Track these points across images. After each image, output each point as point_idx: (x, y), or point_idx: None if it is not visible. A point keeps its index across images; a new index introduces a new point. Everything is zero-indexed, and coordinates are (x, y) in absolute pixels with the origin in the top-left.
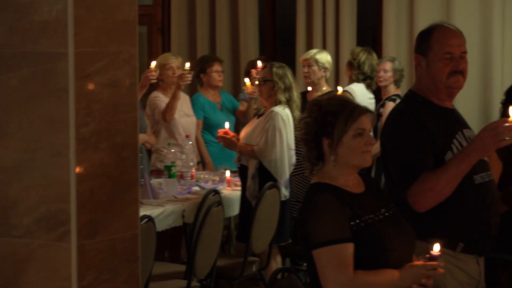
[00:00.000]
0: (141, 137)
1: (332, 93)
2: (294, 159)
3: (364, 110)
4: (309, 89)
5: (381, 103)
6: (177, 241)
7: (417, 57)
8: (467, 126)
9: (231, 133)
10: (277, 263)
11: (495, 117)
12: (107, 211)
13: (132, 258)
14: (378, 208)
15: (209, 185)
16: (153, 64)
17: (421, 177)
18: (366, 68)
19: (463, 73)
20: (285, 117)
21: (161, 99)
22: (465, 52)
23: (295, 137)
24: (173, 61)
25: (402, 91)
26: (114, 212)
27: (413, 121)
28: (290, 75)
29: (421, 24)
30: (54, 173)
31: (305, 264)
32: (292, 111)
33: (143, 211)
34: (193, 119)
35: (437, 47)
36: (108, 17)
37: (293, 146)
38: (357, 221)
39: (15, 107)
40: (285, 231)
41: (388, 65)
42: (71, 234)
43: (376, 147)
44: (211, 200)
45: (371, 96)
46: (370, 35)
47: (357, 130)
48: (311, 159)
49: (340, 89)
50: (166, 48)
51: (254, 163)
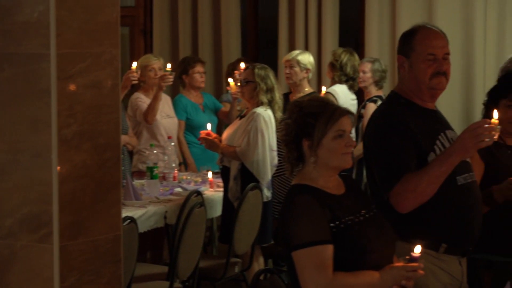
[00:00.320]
0: (123, 139)
1: (313, 94)
2: (276, 160)
3: (344, 111)
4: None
5: (363, 104)
6: (159, 242)
7: (400, 58)
8: (449, 127)
9: (213, 134)
10: (259, 264)
11: (477, 118)
12: (90, 212)
13: (114, 259)
14: (358, 209)
15: (192, 186)
16: (134, 65)
17: (403, 178)
18: (348, 69)
19: (446, 75)
20: (267, 118)
21: (142, 100)
22: (448, 53)
23: (277, 138)
24: (155, 62)
25: (385, 92)
26: (96, 213)
27: (395, 122)
28: (272, 76)
29: (404, 25)
30: (36, 174)
31: None
32: (274, 112)
33: (125, 212)
34: (175, 120)
35: (420, 48)
36: (90, 18)
37: (275, 147)
38: (337, 223)
39: None
40: (267, 232)
41: (367, 66)
42: (53, 235)
43: (358, 149)
44: (194, 201)
45: (354, 97)
46: (352, 36)
47: (337, 131)
48: (291, 160)
49: (324, 89)
50: (148, 49)
51: (236, 164)
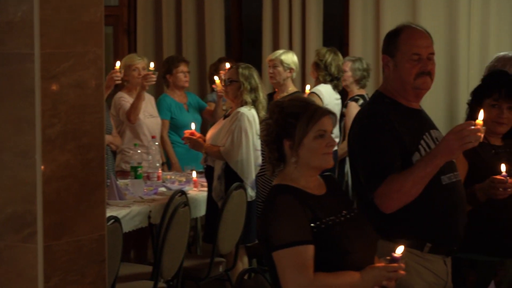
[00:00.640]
0: (106, 138)
1: (295, 94)
2: (260, 160)
3: (325, 111)
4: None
5: (345, 103)
6: (143, 242)
7: (385, 58)
8: (434, 126)
9: (197, 134)
10: (243, 263)
11: (461, 118)
12: (74, 212)
13: (99, 259)
14: (339, 210)
15: (176, 186)
16: (118, 65)
17: (388, 178)
18: (333, 69)
19: (430, 74)
20: (251, 117)
21: (126, 99)
22: (433, 53)
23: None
24: (139, 62)
25: (368, 91)
26: (80, 213)
27: (380, 122)
28: (256, 76)
29: (388, 24)
30: (20, 174)
31: None
32: (258, 112)
33: (109, 212)
34: (158, 120)
35: (404, 48)
36: (74, 18)
37: (259, 146)
38: (318, 223)
39: None
40: (251, 231)
41: (347, 65)
42: (37, 235)
43: (342, 148)
44: (178, 200)
45: (338, 96)
46: (336, 35)
47: (318, 131)
48: (272, 161)
49: (307, 89)
50: (132, 48)
51: (220, 164)
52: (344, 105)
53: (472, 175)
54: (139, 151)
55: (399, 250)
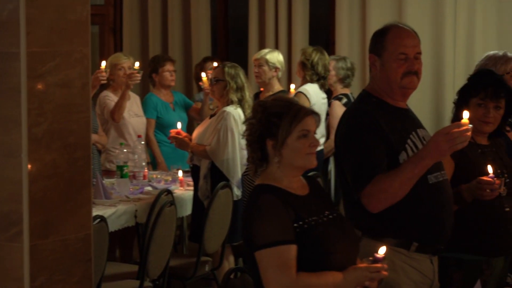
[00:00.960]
0: (92, 137)
1: (279, 94)
2: (246, 159)
3: (309, 111)
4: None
5: (328, 102)
6: (128, 241)
7: (372, 57)
8: (421, 126)
9: (183, 133)
10: (229, 263)
11: (447, 117)
12: (60, 212)
13: (85, 258)
14: (322, 210)
15: (162, 185)
16: (103, 64)
17: (375, 178)
18: (320, 68)
19: (417, 74)
20: (237, 117)
21: (110, 98)
22: (420, 52)
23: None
24: (125, 61)
25: (356, 91)
26: (66, 212)
27: (367, 121)
28: (242, 75)
29: (374, 23)
30: (6, 173)
31: None
32: (244, 111)
33: (95, 211)
34: (143, 119)
35: (391, 47)
36: (60, 16)
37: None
38: (301, 223)
39: None
40: (237, 231)
41: (331, 64)
42: (23, 234)
43: (326, 147)
44: (164, 200)
45: (324, 96)
46: (322, 34)
47: (301, 131)
48: (255, 161)
49: (292, 87)
50: (118, 48)
51: (206, 163)
52: (328, 104)
53: (458, 174)
54: (125, 150)
55: (382, 250)
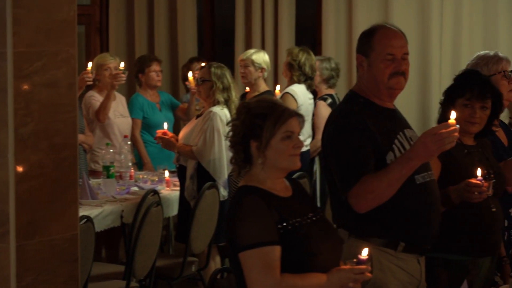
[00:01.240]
0: (79, 138)
1: (262, 95)
2: None
3: (292, 113)
4: (247, 89)
5: (314, 102)
6: (114, 241)
7: (359, 58)
8: (408, 126)
9: (170, 134)
10: (216, 263)
11: (433, 117)
12: (46, 212)
13: (71, 258)
14: (305, 212)
15: (148, 185)
16: (90, 65)
17: (362, 179)
18: (307, 69)
19: (404, 74)
20: (224, 117)
21: (96, 98)
22: (407, 53)
23: None
24: (111, 62)
25: (342, 91)
26: (53, 212)
27: (354, 121)
28: (228, 75)
29: (360, 24)
30: None
31: None
32: (230, 111)
33: (81, 212)
34: (129, 120)
35: (379, 48)
36: (47, 16)
37: None
38: (284, 224)
39: None
40: (224, 231)
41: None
42: (9, 234)
43: (313, 146)
44: (150, 200)
45: (311, 96)
46: (309, 34)
47: (285, 132)
48: (239, 162)
49: (278, 89)
50: (104, 47)
51: (192, 163)
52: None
53: (445, 175)
54: (111, 151)
55: (365, 252)
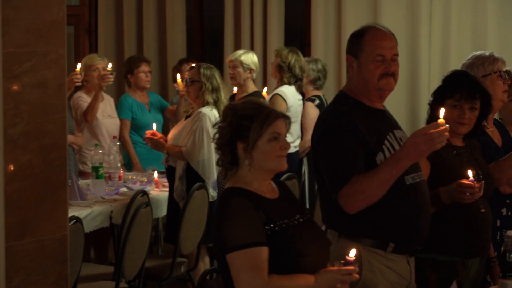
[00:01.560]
0: (68, 138)
1: (248, 97)
2: None
3: (279, 114)
4: (235, 89)
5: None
6: (103, 242)
7: (349, 58)
8: (398, 126)
9: (159, 134)
10: (205, 264)
11: (422, 118)
12: (36, 212)
13: (61, 259)
14: (292, 214)
15: (137, 186)
16: (78, 66)
17: (352, 179)
18: (297, 70)
19: (394, 76)
20: (213, 118)
21: (84, 99)
22: (397, 54)
23: None
24: (99, 62)
25: (331, 92)
26: (42, 213)
27: (344, 122)
28: (218, 76)
29: (349, 24)
30: None
31: None
32: (219, 112)
33: (70, 212)
34: (117, 121)
35: (369, 49)
36: (36, 17)
37: None
38: (272, 226)
39: None
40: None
41: None
42: None
43: (301, 147)
44: (139, 201)
45: (300, 97)
46: (298, 35)
47: (272, 134)
48: (225, 164)
49: (265, 91)
50: (93, 48)
51: (181, 164)
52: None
53: (434, 176)
54: (100, 151)
55: (352, 253)
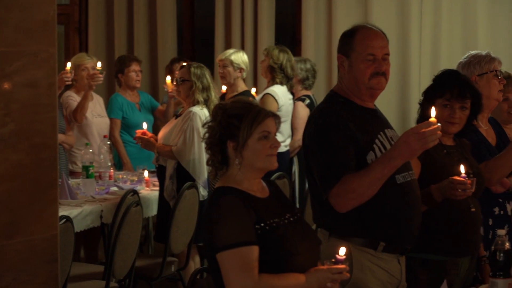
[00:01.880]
0: (59, 137)
1: (237, 97)
2: None
3: (269, 113)
4: (223, 88)
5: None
6: (93, 241)
7: (340, 58)
8: (389, 126)
9: (149, 134)
10: (195, 263)
11: (413, 118)
12: (26, 212)
13: (51, 259)
14: (283, 213)
15: (128, 185)
16: (69, 65)
17: (343, 178)
18: (289, 70)
19: (385, 75)
20: (203, 117)
21: (73, 98)
22: (388, 54)
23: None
24: (88, 62)
25: (322, 91)
26: (33, 213)
27: (335, 121)
28: (208, 75)
29: (340, 23)
30: None
31: None
32: (210, 111)
33: (61, 212)
34: (106, 120)
35: (360, 48)
36: (27, 16)
37: None
38: (262, 225)
39: None
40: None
41: None
42: None
43: (291, 146)
44: (130, 200)
45: (291, 97)
46: (289, 34)
47: (262, 133)
48: (215, 163)
49: (253, 91)
50: (83, 47)
51: (172, 163)
52: None
53: (424, 175)
54: (91, 151)
55: (342, 251)
